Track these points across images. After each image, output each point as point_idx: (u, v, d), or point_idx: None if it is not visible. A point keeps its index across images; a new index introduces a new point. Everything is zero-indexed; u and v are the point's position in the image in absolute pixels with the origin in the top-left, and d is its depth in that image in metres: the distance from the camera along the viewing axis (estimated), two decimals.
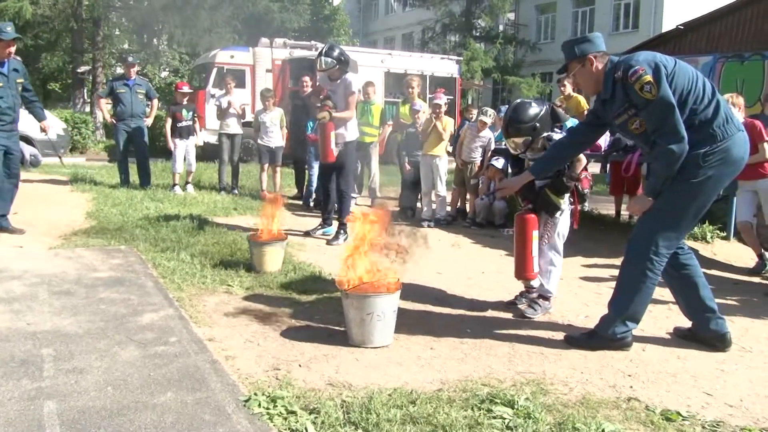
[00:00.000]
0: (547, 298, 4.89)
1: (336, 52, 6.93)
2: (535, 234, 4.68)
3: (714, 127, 3.81)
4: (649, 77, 3.72)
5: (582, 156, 4.76)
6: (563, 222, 4.87)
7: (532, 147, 4.73)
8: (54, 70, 29.06)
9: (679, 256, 4.13)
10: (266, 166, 10.35)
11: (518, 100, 4.99)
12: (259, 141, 10.30)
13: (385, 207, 4.52)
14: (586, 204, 9.91)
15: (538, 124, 4.63)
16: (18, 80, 6.73)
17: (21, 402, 3.00)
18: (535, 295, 4.93)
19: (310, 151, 9.49)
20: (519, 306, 4.92)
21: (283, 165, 10.79)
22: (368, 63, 18.16)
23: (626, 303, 4.05)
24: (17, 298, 4.64)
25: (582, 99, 9.56)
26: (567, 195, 4.81)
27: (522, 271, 4.74)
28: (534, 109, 4.68)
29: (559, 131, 4.78)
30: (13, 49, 6.66)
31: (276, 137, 10.18)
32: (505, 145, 5.02)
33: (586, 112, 8.89)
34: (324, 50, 7.00)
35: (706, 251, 7.35)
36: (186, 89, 10.89)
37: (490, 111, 8.93)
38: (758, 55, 14.56)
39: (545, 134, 4.70)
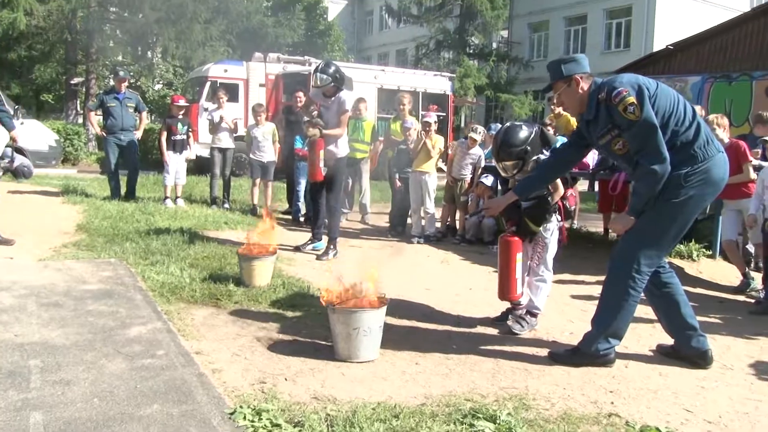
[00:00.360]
0: (534, 315, 4.94)
1: (331, 69, 6.99)
2: (519, 256, 4.73)
3: (695, 149, 3.90)
4: (632, 98, 3.80)
5: (560, 184, 4.83)
6: (553, 240, 4.94)
7: (523, 170, 4.80)
8: (47, 81, 29.06)
9: (661, 275, 4.20)
10: (258, 180, 10.40)
11: (508, 124, 5.06)
12: (251, 155, 10.36)
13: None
14: (575, 221, 10.05)
15: (528, 147, 4.68)
16: None
17: (7, 413, 3.02)
18: (522, 311, 4.98)
19: (297, 167, 9.57)
20: (506, 322, 4.97)
21: (276, 180, 10.83)
22: (361, 79, 18.31)
23: (609, 320, 4.12)
24: (5, 310, 4.66)
25: (572, 118, 9.68)
26: (554, 215, 4.88)
27: (506, 293, 4.78)
28: (524, 132, 4.74)
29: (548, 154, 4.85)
30: None
31: (268, 152, 10.24)
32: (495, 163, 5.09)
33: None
34: (320, 67, 7.05)
35: (692, 269, 7.44)
36: (182, 103, 10.94)
37: (480, 128, 9.03)
38: (746, 75, 14.79)
39: (535, 157, 4.76)
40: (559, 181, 4.81)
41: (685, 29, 21.77)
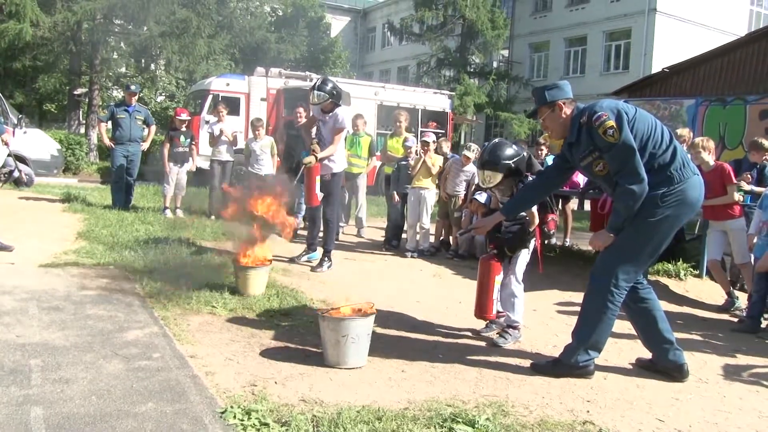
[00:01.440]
0: (516, 327, 5.09)
1: (329, 86, 7.16)
2: (498, 279, 4.93)
3: (672, 170, 4.09)
4: (611, 122, 4.01)
5: (535, 213, 5.03)
6: (524, 257, 5.10)
7: (500, 188, 4.98)
8: (51, 91, 29.29)
9: (639, 291, 4.38)
10: None
11: (499, 139, 5.27)
12: (249, 168, 10.54)
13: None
14: (567, 240, 10.21)
15: (512, 164, 4.87)
16: None
17: (9, 407, 3.19)
18: (504, 324, 5.15)
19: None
20: (490, 335, 5.14)
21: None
22: (362, 95, 18.52)
23: (588, 333, 4.28)
24: (7, 312, 4.82)
25: None
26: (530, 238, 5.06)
27: (483, 311, 4.99)
28: (512, 150, 4.94)
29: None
30: None
31: (266, 165, 10.41)
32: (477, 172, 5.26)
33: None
34: (317, 84, 7.23)
35: (678, 288, 7.59)
36: (185, 116, 11.16)
37: (474, 146, 9.21)
38: (740, 99, 14.99)
39: (517, 179, 4.94)
40: (535, 209, 5.00)
41: (683, 52, 22.06)
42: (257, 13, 30.37)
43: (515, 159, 4.89)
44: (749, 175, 7.24)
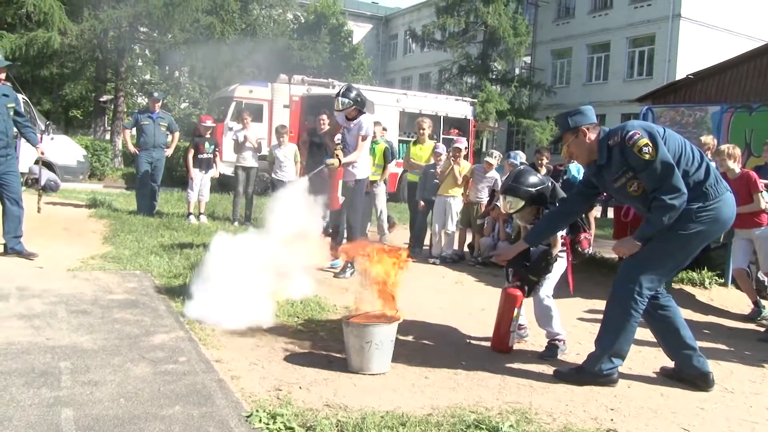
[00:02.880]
0: (559, 340, 5.05)
1: (353, 93, 7.20)
2: (517, 311, 4.91)
3: (707, 186, 4.11)
4: (645, 140, 4.01)
5: (558, 238, 4.97)
6: (555, 272, 5.06)
7: (522, 215, 4.98)
8: (77, 98, 29.75)
9: (659, 299, 4.37)
10: None
11: (524, 167, 5.28)
12: (273, 175, 10.64)
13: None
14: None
15: (534, 192, 4.87)
16: (8, 105, 6.94)
17: (41, 408, 3.25)
18: (548, 340, 5.11)
19: None
20: (541, 354, 5.08)
21: None
22: (384, 102, 18.59)
23: (611, 340, 4.28)
24: (37, 315, 4.91)
25: None
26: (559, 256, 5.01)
27: (499, 344, 4.96)
28: (536, 179, 4.96)
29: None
30: (2, 75, 7.03)
31: (289, 172, 10.50)
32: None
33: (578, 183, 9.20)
34: (341, 91, 7.26)
35: (703, 297, 7.53)
36: (210, 123, 11.29)
37: (496, 153, 9.24)
38: (766, 106, 14.81)
39: (541, 207, 4.94)
40: (559, 235, 4.96)
41: (708, 58, 21.87)
42: (280, 21, 30.61)
43: (538, 187, 4.90)
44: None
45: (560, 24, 34.99)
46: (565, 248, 5.04)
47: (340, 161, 7.07)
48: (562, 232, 4.96)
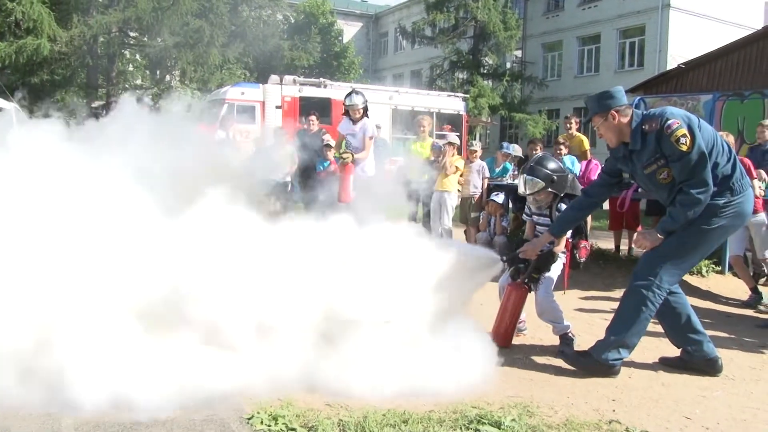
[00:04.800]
0: (569, 334, 5.03)
1: (363, 97, 7.79)
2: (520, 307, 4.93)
3: (734, 181, 4.12)
4: (684, 130, 3.99)
5: (565, 237, 4.97)
6: (554, 272, 5.04)
7: (537, 198, 4.98)
8: (69, 104, 29.67)
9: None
10: None
11: (546, 153, 5.30)
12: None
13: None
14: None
15: (555, 177, 4.89)
16: None
17: (40, 417, 3.23)
18: (559, 336, 5.12)
19: None
20: (525, 332, 5.21)
21: None
22: (376, 100, 18.51)
23: (624, 329, 4.28)
24: None
25: (585, 139, 9.87)
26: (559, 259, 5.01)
27: (501, 339, 4.89)
28: (557, 165, 4.99)
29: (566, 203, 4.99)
30: None
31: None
32: (507, 181, 5.21)
33: (590, 160, 9.21)
34: (354, 90, 7.96)
35: (701, 285, 7.54)
36: None
37: (476, 142, 9.39)
38: (758, 93, 14.83)
39: (556, 196, 4.96)
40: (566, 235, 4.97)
41: (699, 47, 21.87)
42: (270, 22, 30.55)
43: (558, 173, 4.92)
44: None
45: (550, 17, 34.98)
46: (566, 251, 5.04)
47: (353, 156, 7.49)
48: (568, 235, 4.97)
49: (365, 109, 7.82)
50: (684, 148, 3.98)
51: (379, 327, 3.84)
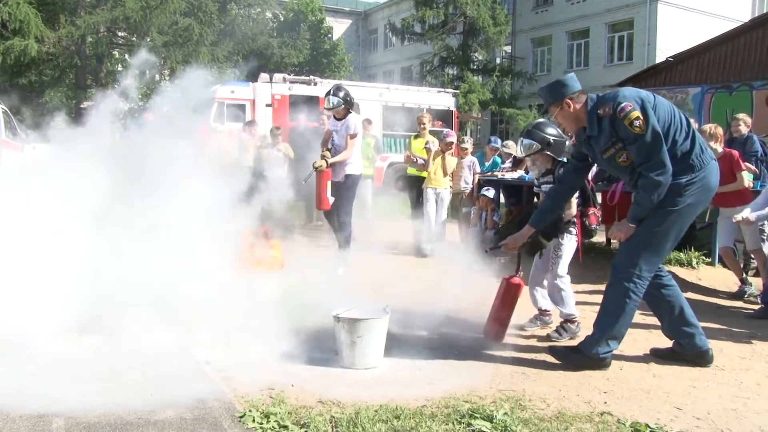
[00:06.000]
0: (572, 321, 5.08)
1: (342, 93, 7.25)
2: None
3: (693, 158, 4.10)
4: (637, 113, 3.98)
5: (573, 201, 5.00)
6: (567, 252, 5.09)
7: (537, 162, 5.02)
8: (57, 105, 29.51)
9: (662, 278, 4.41)
10: None
11: (546, 120, 5.31)
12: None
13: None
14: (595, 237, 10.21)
15: (551, 141, 4.94)
16: None
17: (31, 419, 3.22)
18: (548, 321, 5.19)
19: None
20: (534, 331, 5.23)
21: None
22: (366, 97, 18.53)
23: (611, 323, 4.29)
24: None
25: None
26: (571, 229, 5.03)
27: (493, 333, 4.96)
28: (555, 131, 5.04)
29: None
30: None
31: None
32: (498, 175, 5.21)
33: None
34: (331, 90, 7.32)
35: (691, 277, 7.58)
36: None
37: (467, 138, 9.38)
38: (746, 85, 14.93)
39: (554, 161, 4.99)
40: (574, 199, 4.99)
41: (687, 40, 21.97)
42: (259, 20, 30.45)
43: (555, 137, 4.96)
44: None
45: (539, 12, 35.05)
46: (575, 223, 5.04)
47: (327, 162, 7.06)
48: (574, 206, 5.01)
49: (349, 105, 7.31)
50: (638, 130, 3.98)
51: None
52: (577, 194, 5.00)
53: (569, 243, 5.09)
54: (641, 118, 3.97)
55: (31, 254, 4.45)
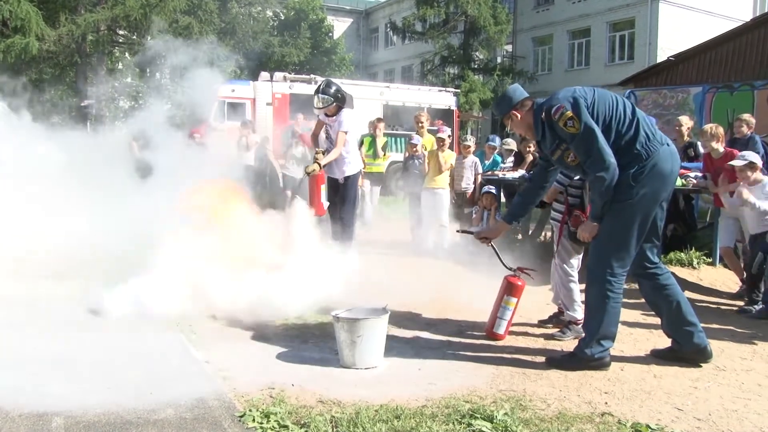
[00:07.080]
0: (576, 323, 5.06)
1: (333, 89, 7.07)
2: (510, 300, 4.95)
3: (637, 147, 4.11)
4: (569, 113, 4.06)
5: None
6: (563, 248, 5.08)
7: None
8: (58, 103, 29.51)
9: (659, 278, 4.40)
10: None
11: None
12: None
13: None
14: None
15: (340, 95, 5.16)
16: None
17: (30, 418, 3.21)
18: (565, 321, 5.17)
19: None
20: (554, 332, 5.18)
21: None
22: (367, 96, 18.54)
23: (596, 324, 4.30)
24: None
25: None
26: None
27: (490, 329, 4.98)
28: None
29: None
30: None
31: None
32: (499, 174, 5.20)
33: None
34: (321, 88, 7.11)
35: (692, 277, 7.55)
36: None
37: (469, 137, 9.35)
38: (747, 85, 14.89)
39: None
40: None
41: (688, 40, 21.93)
42: (260, 18, 30.46)
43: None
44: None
45: (540, 11, 35.00)
46: (563, 213, 5.05)
47: (320, 165, 6.97)
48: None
49: (340, 101, 7.08)
50: (573, 130, 4.05)
51: None
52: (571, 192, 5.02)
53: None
54: (575, 117, 4.04)
55: None
